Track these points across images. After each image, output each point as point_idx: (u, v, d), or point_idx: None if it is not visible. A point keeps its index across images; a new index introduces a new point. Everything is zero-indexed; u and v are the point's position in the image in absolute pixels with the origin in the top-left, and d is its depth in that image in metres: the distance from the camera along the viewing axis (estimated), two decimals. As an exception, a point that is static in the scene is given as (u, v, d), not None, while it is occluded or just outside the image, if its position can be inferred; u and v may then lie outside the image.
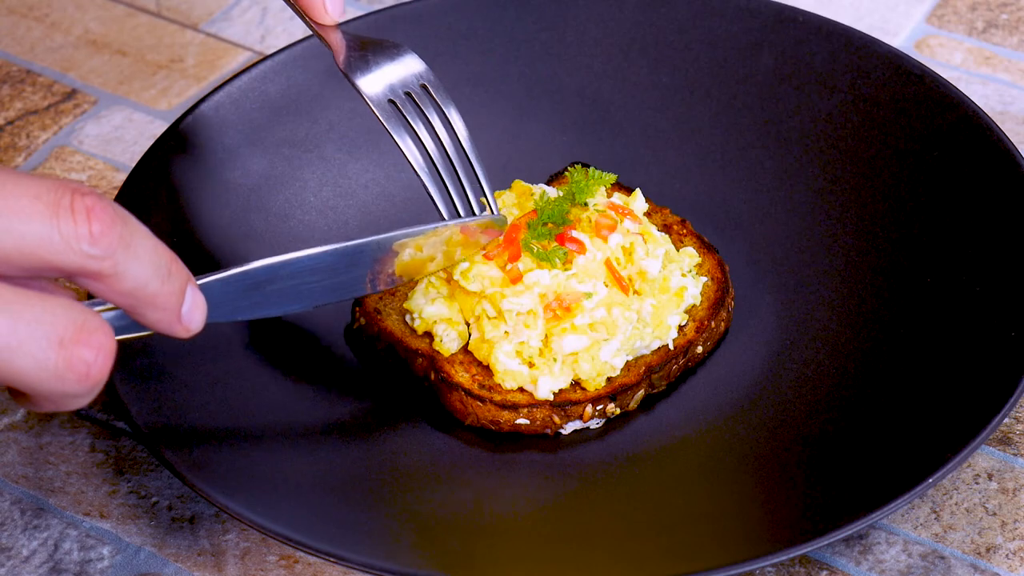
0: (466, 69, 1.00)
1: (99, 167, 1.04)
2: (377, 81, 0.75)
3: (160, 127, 1.06)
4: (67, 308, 0.62)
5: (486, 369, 0.85)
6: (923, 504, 0.82)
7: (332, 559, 0.74)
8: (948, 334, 0.84)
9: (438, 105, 0.75)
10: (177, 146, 0.93)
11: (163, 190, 0.91)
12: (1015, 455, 0.84)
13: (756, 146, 0.97)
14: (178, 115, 0.97)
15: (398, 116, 0.74)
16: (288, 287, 0.76)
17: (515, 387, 0.84)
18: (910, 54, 1.02)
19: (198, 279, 0.71)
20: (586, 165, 0.96)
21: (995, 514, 0.81)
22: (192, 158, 0.93)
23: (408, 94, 0.74)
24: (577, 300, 0.84)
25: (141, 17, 1.16)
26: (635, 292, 0.87)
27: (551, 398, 0.84)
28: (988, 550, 0.80)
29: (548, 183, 0.95)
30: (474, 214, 0.81)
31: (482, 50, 1.01)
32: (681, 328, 0.88)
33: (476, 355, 0.86)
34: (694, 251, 0.91)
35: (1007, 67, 1.09)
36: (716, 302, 0.89)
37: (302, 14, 0.82)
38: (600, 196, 0.89)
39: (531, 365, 0.84)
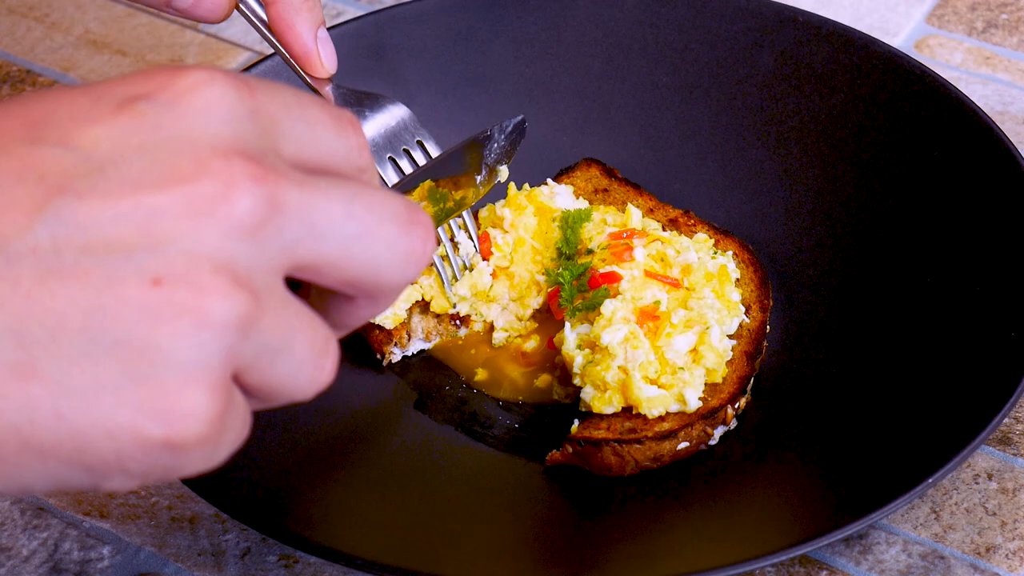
0: (466, 69, 1.00)
1: (99, 167, 1.04)
2: (366, 129, 0.87)
3: (160, 127, 1.06)
4: (391, 193, 0.60)
5: (606, 418, 0.84)
6: (923, 504, 0.82)
7: (332, 559, 0.74)
8: (948, 334, 0.84)
9: (417, 140, 0.89)
10: (177, 146, 0.93)
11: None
12: (1015, 455, 0.84)
13: (756, 146, 0.97)
14: (178, 115, 0.97)
15: (380, 154, 0.87)
16: None
17: (661, 413, 0.83)
18: (910, 54, 1.02)
19: None
20: (597, 161, 0.96)
21: (995, 514, 0.81)
22: (192, 158, 0.93)
23: (393, 136, 0.88)
24: (654, 309, 0.84)
25: (141, 17, 1.16)
26: (687, 288, 0.87)
27: (700, 405, 0.83)
28: (988, 550, 0.80)
29: (556, 178, 0.96)
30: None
31: (482, 50, 1.01)
32: (747, 310, 0.88)
33: (595, 409, 0.84)
34: (704, 235, 0.91)
35: (1007, 67, 1.09)
36: (763, 280, 0.90)
37: (296, 68, 0.87)
38: (597, 236, 0.89)
39: (661, 386, 0.84)
